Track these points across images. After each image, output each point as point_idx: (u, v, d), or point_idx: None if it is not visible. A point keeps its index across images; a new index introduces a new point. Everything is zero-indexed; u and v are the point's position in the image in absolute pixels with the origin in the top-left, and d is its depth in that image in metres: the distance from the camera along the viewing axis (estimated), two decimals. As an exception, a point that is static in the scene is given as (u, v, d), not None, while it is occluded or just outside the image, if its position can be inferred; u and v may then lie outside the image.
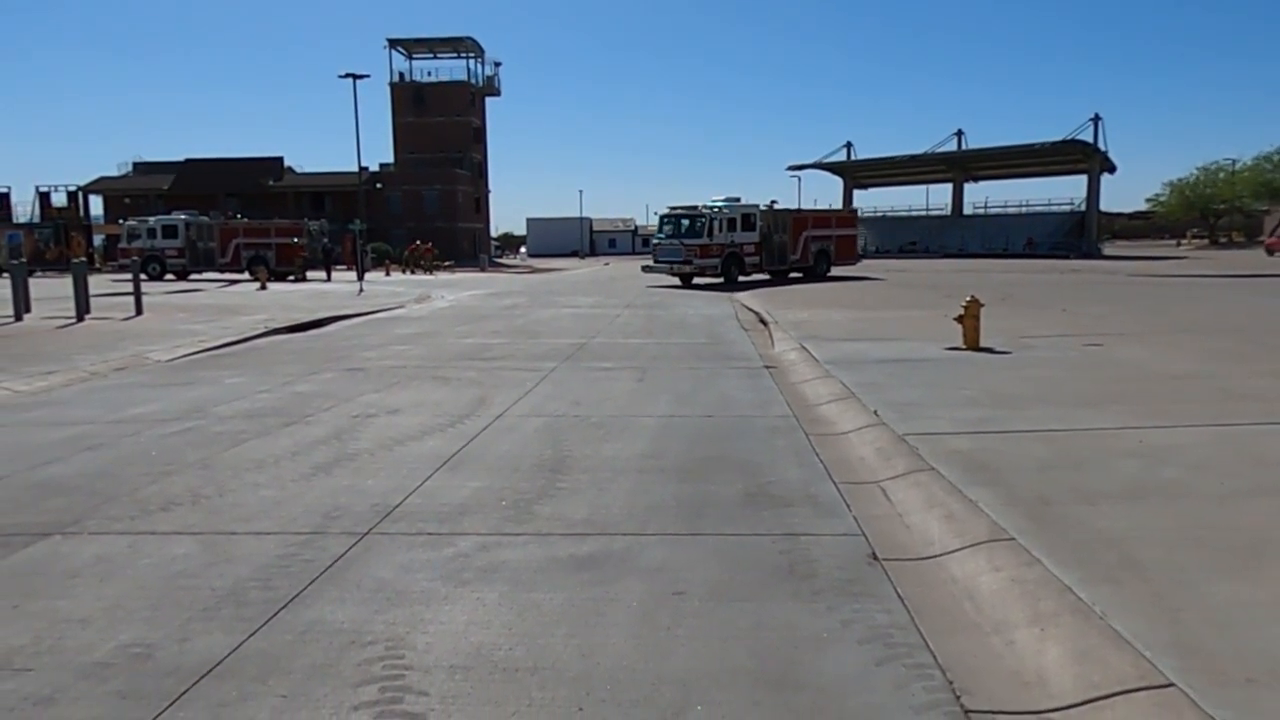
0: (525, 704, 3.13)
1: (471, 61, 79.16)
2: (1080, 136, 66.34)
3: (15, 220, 50.60)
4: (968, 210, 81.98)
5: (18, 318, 18.26)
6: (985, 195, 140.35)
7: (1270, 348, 11.85)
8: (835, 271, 36.94)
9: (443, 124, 75.80)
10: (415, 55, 78.44)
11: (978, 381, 9.36)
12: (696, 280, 32.51)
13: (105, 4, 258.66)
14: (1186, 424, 6.98)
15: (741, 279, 32.55)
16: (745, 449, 6.97)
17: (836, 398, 8.94)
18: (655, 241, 33.78)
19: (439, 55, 78.98)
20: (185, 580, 4.33)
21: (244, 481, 6.12)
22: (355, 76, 47.22)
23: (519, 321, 19.10)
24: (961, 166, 79.59)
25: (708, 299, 25.40)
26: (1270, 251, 35.22)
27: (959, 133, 76.21)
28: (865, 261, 63.49)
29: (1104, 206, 75.59)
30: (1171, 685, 2.97)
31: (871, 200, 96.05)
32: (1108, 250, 70.32)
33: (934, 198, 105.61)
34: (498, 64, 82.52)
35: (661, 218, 33.66)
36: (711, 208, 32.16)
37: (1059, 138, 66.59)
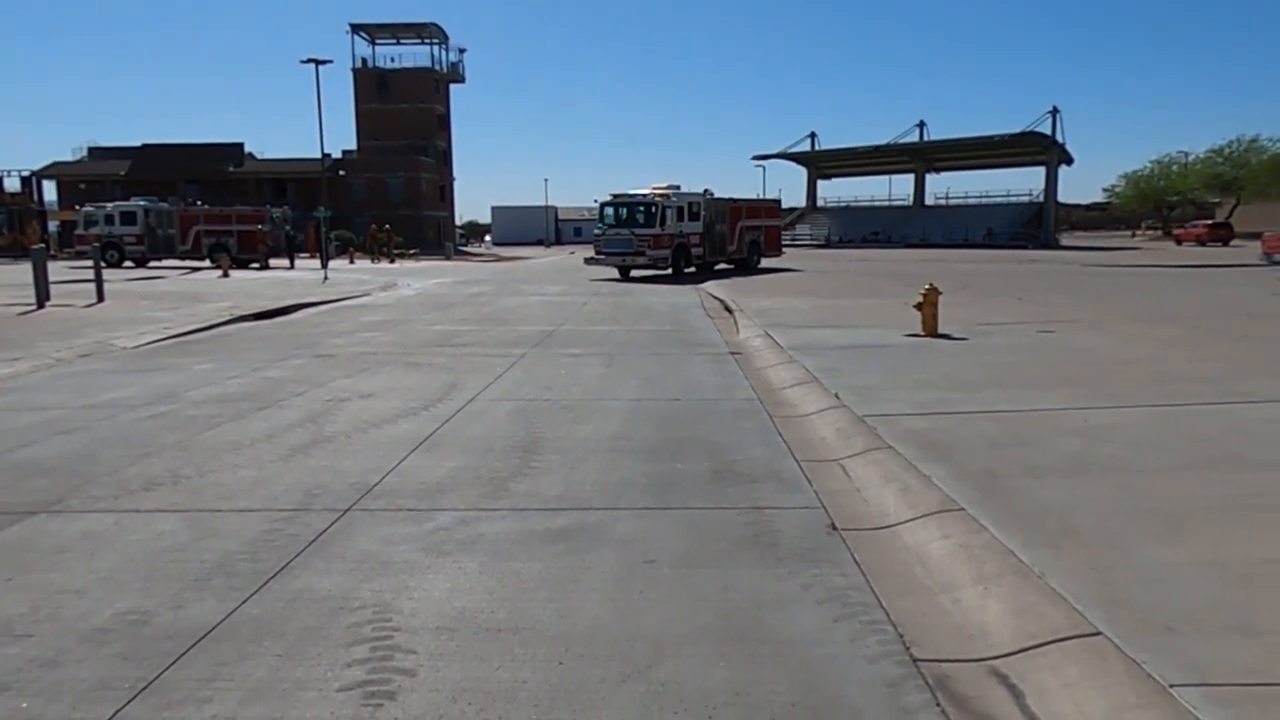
0: (509, 659, 3.35)
1: (435, 48, 78.62)
2: (1039, 129, 67.54)
3: (-35, 206, 49.47)
4: (929, 201, 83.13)
5: (-24, 305, 18.01)
6: (948, 186, 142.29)
7: (1215, 333, 12.35)
8: (764, 263, 35.66)
9: (406, 111, 75.23)
10: (379, 40, 77.72)
11: (934, 366, 9.71)
12: (634, 274, 30.57)
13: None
14: (1128, 405, 7.35)
15: (686, 271, 30.56)
16: (712, 430, 7.23)
17: (799, 382, 9.23)
18: (598, 231, 30.77)
19: (402, 41, 78.31)
20: (174, 554, 4.49)
21: (223, 462, 6.26)
22: (317, 62, 46.68)
23: (487, 309, 19.21)
24: (923, 157, 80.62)
25: (672, 288, 25.65)
26: (1272, 254, 33.76)
27: (921, 124, 77.26)
28: (828, 250, 64.27)
29: (1062, 198, 76.96)
30: (1099, 634, 3.27)
31: (835, 191, 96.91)
32: (1065, 240, 71.77)
33: (896, 188, 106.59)
34: (462, 50, 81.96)
35: (603, 205, 30.68)
36: (663, 195, 29.87)
37: (1018, 130, 67.72)
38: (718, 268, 33.14)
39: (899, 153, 79.81)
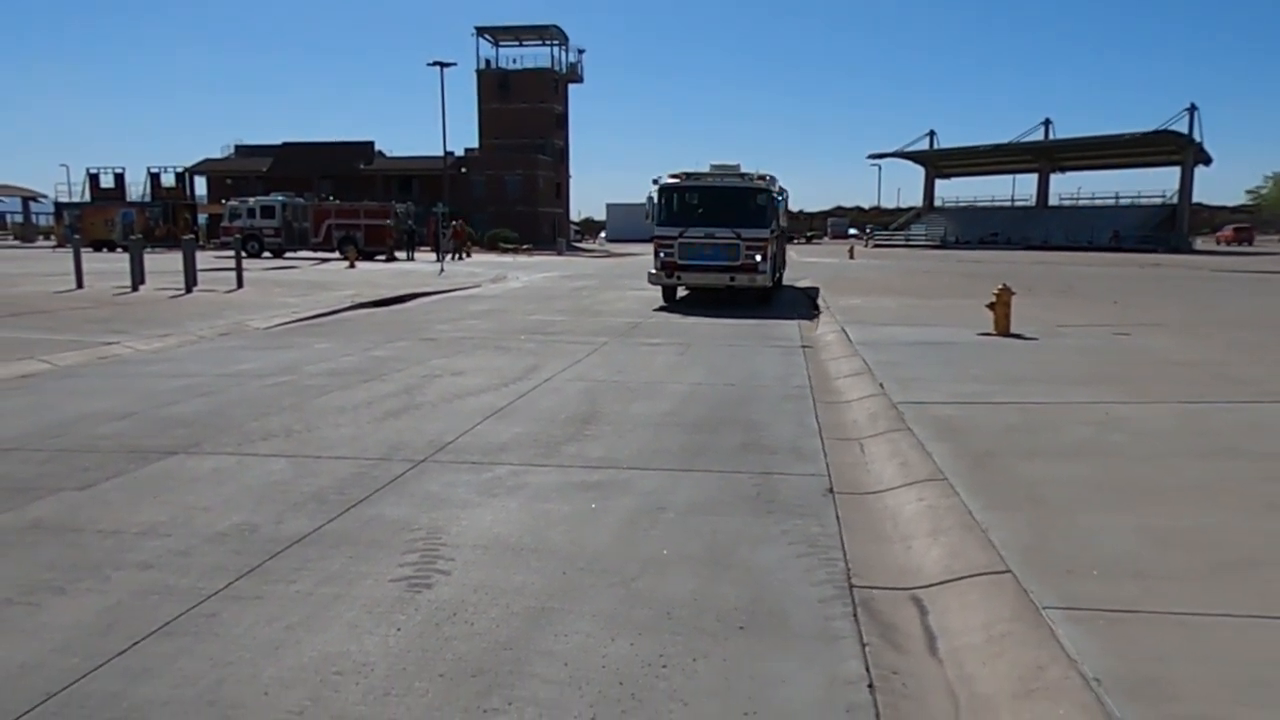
0: (524, 569, 4.22)
1: (555, 49, 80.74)
2: (1174, 127, 64.48)
3: (129, 199, 54.04)
4: (1053, 201, 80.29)
5: (135, 288, 20.20)
6: (1079, 185, 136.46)
7: (1298, 341, 12.21)
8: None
9: (526, 110, 77.58)
10: (502, 43, 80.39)
11: (991, 362, 10.10)
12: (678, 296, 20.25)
13: (210, 2, 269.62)
14: (1159, 401, 7.68)
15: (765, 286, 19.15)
16: (755, 411, 7.95)
17: (855, 373, 9.81)
18: (662, 234, 18.50)
19: (524, 43, 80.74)
20: (280, 486, 5.55)
21: (327, 421, 7.38)
22: (442, 65, 49.14)
23: (585, 301, 20.26)
24: (1047, 156, 77.96)
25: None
26: None
27: (1047, 122, 74.79)
28: (941, 251, 63.02)
29: (1205, 199, 73.19)
30: (1008, 572, 3.89)
31: (954, 190, 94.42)
32: (1200, 245, 68.24)
33: (1020, 189, 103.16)
34: (581, 51, 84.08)
35: (667, 191, 18.81)
36: (764, 179, 19.03)
37: (1152, 128, 64.81)
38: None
39: (1022, 151, 77.44)
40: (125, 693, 3.07)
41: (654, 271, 18.96)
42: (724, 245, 18.21)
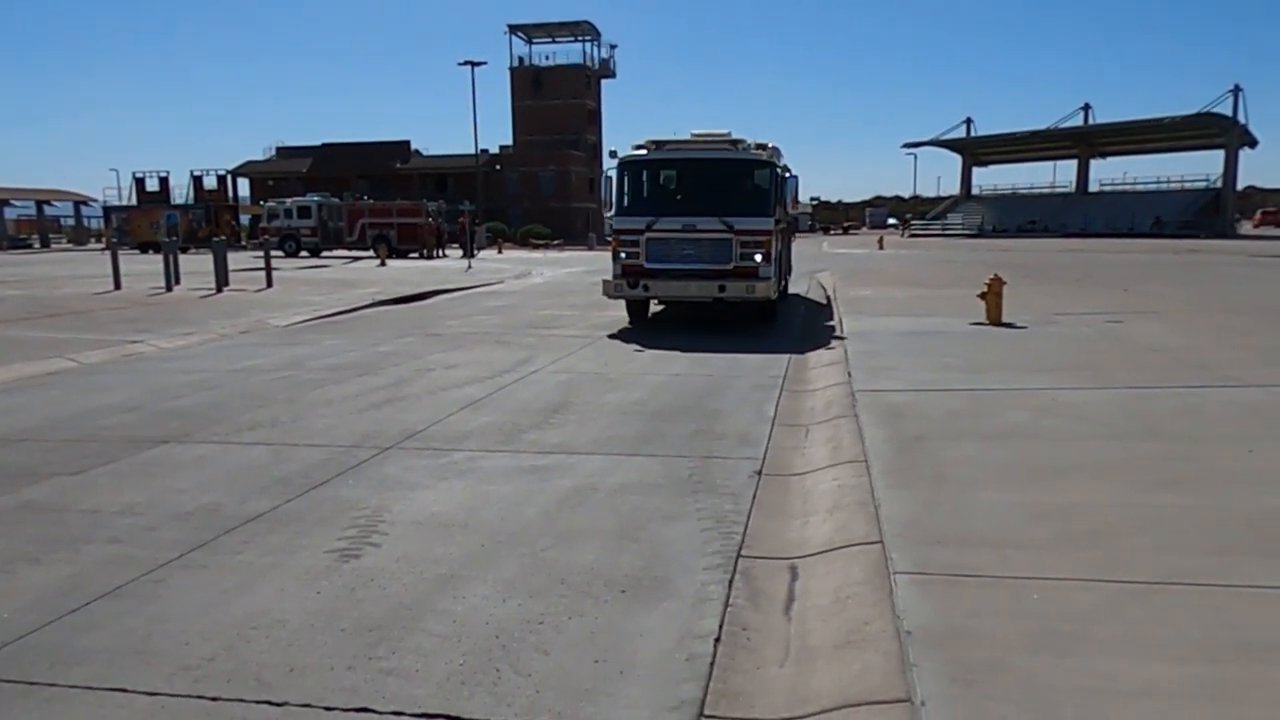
0: (447, 541, 4.65)
1: (588, 44, 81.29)
2: (1218, 109, 63.09)
3: (173, 201, 55.69)
4: (1093, 188, 78.91)
5: (168, 288, 21.06)
6: (1123, 171, 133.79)
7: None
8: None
9: (559, 106, 78.22)
10: (535, 40, 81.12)
11: (968, 351, 10.33)
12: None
13: (249, 8, 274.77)
14: (1109, 387, 7.90)
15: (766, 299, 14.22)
16: (720, 401, 8.31)
17: (833, 362, 10.11)
18: (624, 226, 13.77)
19: (557, 39, 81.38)
20: (254, 471, 6.05)
21: (315, 413, 7.89)
22: (473, 64, 49.90)
23: (597, 296, 20.65)
24: (1087, 142, 76.67)
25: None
26: None
27: (1086, 107, 73.58)
28: (977, 240, 62.40)
29: (1256, 183, 71.45)
30: (879, 543, 4.23)
31: (992, 178, 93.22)
32: (1249, 229, 66.72)
33: (1061, 175, 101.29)
34: (613, 46, 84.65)
35: (632, 165, 13.96)
36: (764, 149, 14.20)
37: (1194, 111, 63.49)
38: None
39: (1061, 137, 76.23)
40: (68, 643, 3.55)
41: (612, 279, 13.71)
42: (710, 241, 13.10)
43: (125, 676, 3.29)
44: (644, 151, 13.99)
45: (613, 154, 14.22)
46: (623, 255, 13.65)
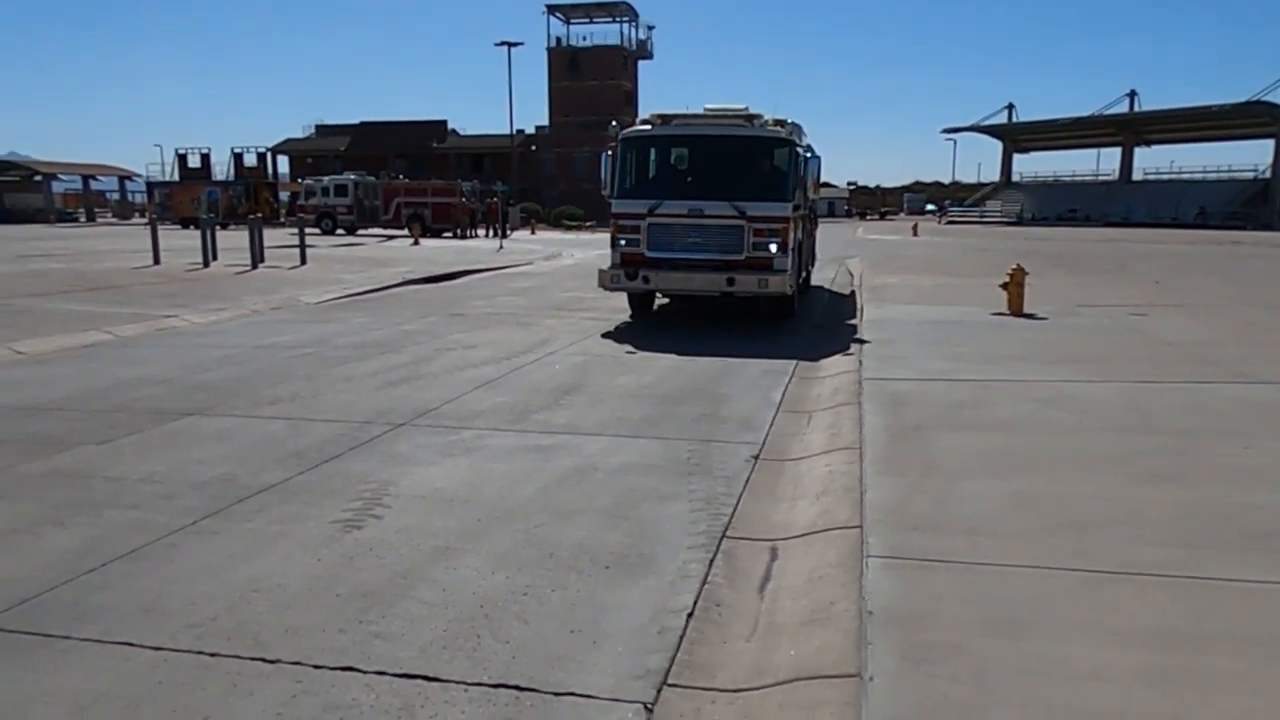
0: (446, 515, 4.86)
1: (625, 25, 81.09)
2: (1268, 98, 61.57)
3: (214, 178, 56.65)
4: (1138, 177, 77.43)
5: (205, 264, 21.54)
6: (1169, 160, 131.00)
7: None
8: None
9: (595, 87, 78.18)
10: (572, 20, 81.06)
11: (984, 341, 10.35)
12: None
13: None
14: (1116, 380, 7.91)
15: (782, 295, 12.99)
16: (729, 386, 8.44)
17: (845, 350, 10.18)
18: (623, 210, 12.81)
19: (595, 20, 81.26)
20: (271, 444, 6.31)
21: (334, 390, 8.14)
22: (509, 44, 50.02)
23: (624, 279, 20.82)
24: (1131, 129, 75.19)
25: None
26: None
27: (1132, 94, 72.22)
28: (1015, 228, 61.55)
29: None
30: (858, 528, 4.36)
31: (1033, 165, 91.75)
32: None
33: (1105, 163, 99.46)
34: (651, 27, 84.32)
35: (635, 144, 12.99)
36: (782, 126, 12.97)
37: (1243, 99, 62.00)
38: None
39: (1105, 124, 74.86)
40: (83, 600, 3.81)
41: (608, 269, 12.80)
42: (719, 228, 12.04)
43: (133, 632, 3.52)
44: (648, 127, 12.83)
45: (613, 127, 13.25)
46: (622, 242, 12.71)
